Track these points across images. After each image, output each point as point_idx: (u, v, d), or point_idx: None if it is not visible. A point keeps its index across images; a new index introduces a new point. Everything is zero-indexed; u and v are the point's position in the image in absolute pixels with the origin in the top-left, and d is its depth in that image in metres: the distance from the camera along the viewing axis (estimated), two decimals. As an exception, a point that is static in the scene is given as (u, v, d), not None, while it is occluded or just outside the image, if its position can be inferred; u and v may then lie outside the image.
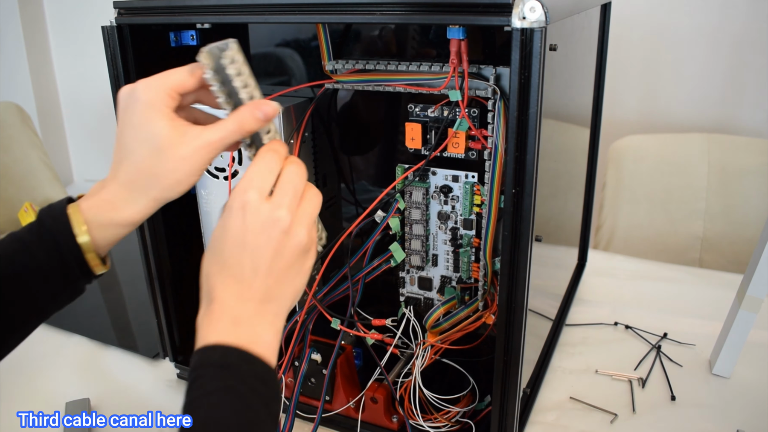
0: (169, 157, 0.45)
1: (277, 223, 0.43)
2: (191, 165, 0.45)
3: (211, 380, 0.39)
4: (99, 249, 0.48)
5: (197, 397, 0.39)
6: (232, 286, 0.43)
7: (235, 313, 0.42)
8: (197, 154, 0.45)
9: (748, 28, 1.38)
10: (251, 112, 0.45)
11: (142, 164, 0.45)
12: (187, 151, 0.45)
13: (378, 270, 0.65)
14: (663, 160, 1.37)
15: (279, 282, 0.44)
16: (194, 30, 0.68)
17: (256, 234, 0.43)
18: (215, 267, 0.44)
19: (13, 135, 1.91)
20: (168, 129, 0.45)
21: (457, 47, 0.53)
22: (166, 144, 0.45)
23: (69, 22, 2.27)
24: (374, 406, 0.66)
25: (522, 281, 0.54)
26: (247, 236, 0.43)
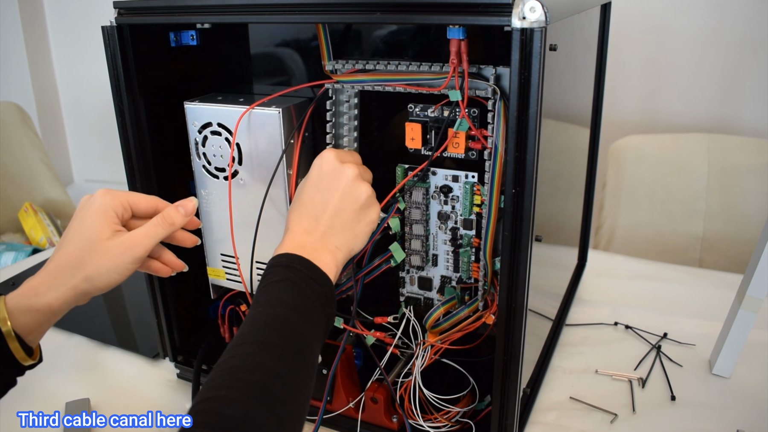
0: (96, 248, 0.52)
1: (346, 171, 0.56)
2: (115, 260, 0.52)
3: (276, 274, 0.50)
4: (26, 338, 0.51)
5: (265, 285, 0.49)
6: (303, 222, 0.55)
7: (301, 242, 0.53)
8: (122, 248, 0.53)
9: (747, 28, 1.39)
10: (175, 210, 0.56)
11: (72, 254, 0.52)
12: (113, 246, 0.52)
13: (378, 270, 0.65)
14: (663, 160, 1.37)
15: (342, 223, 0.56)
16: (194, 30, 0.68)
17: (328, 178, 0.56)
18: (294, 206, 0.57)
19: (13, 135, 1.92)
20: (103, 227, 0.52)
21: (457, 47, 0.53)
22: (96, 238, 0.52)
23: (69, 22, 2.27)
24: (374, 406, 0.66)
25: (522, 281, 0.54)
26: (321, 180, 0.57)
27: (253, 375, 0.41)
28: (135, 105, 0.66)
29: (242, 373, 0.41)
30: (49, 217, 1.83)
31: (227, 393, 0.39)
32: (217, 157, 0.66)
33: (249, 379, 0.40)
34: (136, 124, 0.66)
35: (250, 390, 0.40)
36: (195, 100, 0.66)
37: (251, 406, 0.39)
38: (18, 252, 1.58)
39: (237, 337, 0.45)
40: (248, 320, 0.47)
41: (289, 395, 0.42)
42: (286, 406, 0.41)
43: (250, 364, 0.42)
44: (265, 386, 0.41)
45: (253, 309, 0.48)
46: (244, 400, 0.39)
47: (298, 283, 0.49)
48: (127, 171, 0.68)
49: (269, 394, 0.40)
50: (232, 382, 0.40)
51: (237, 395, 0.39)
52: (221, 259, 0.71)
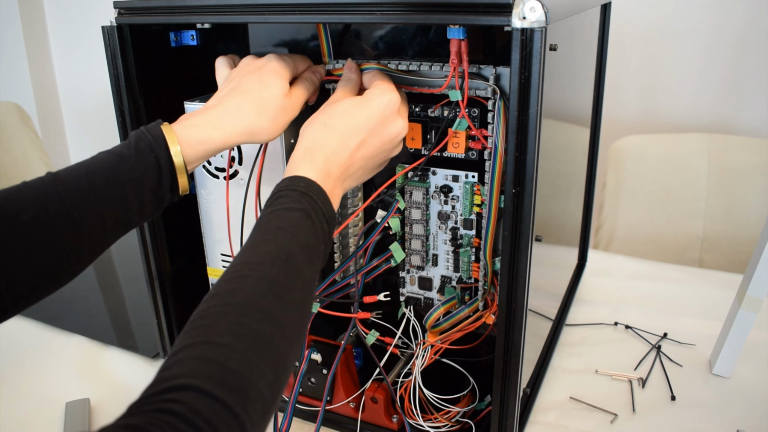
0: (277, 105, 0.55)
1: (399, 129, 0.56)
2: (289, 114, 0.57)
3: (293, 200, 0.47)
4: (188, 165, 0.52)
5: (280, 209, 0.46)
6: (338, 147, 0.52)
7: (328, 168, 0.51)
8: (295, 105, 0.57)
9: (747, 28, 1.39)
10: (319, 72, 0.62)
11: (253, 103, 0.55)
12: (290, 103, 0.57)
13: (378, 270, 0.65)
14: (663, 160, 1.37)
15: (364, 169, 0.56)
16: (194, 30, 0.68)
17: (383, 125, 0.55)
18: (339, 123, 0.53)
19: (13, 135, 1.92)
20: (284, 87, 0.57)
21: (457, 47, 0.53)
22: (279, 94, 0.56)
23: (69, 22, 2.27)
24: (374, 406, 0.66)
25: (522, 281, 0.54)
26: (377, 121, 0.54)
27: (260, 325, 0.38)
28: (135, 105, 0.66)
29: (248, 318, 0.38)
30: (49, 217, 1.82)
31: (232, 341, 0.36)
32: (217, 157, 0.66)
33: (256, 329, 0.37)
34: (136, 124, 0.66)
35: (257, 343, 0.37)
36: (195, 100, 0.66)
37: (255, 362, 0.36)
38: (18, 252, 1.58)
39: (241, 263, 0.42)
40: (257, 246, 0.44)
41: (289, 349, 0.40)
42: (284, 362, 0.39)
43: (258, 309, 0.39)
44: (270, 340, 0.38)
45: (262, 234, 0.45)
46: (249, 354, 0.36)
47: (312, 218, 0.47)
48: (127, 171, 0.68)
49: (273, 348, 0.38)
50: (238, 328, 0.37)
51: (242, 347, 0.36)
52: (221, 259, 0.71)
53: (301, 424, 0.70)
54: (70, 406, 0.73)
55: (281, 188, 0.48)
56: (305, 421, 0.70)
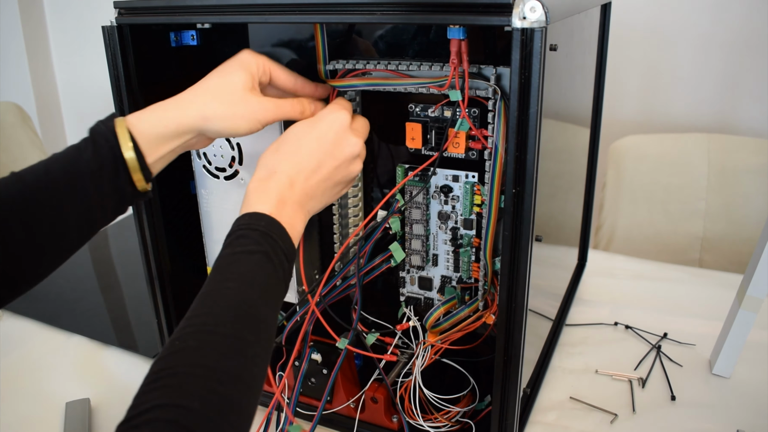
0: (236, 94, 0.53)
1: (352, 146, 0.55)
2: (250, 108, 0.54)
3: (253, 242, 0.47)
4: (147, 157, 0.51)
5: (239, 252, 0.46)
6: (294, 170, 0.52)
7: (285, 196, 0.50)
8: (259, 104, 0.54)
9: (747, 28, 1.38)
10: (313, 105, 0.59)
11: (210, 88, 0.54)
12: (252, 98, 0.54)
13: (378, 270, 0.65)
14: (663, 160, 1.37)
15: (324, 190, 0.54)
16: (194, 30, 0.68)
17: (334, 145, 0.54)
18: (290, 147, 0.53)
19: (13, 135, 1.91)
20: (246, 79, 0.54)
21: (458, 47, 0.53)
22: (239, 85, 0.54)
23: (69, 22, 2.27)
24: (374, 406, 0.66)
25: (522, 281, 0.54)
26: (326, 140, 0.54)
27: (229, 389, 0.38)
28: (135, 105, 0.66)
29: (217, 382, 0.38)
30: (49, 217, 1.82)
31: (200, 407, 0.36)
32: (218, 157, 0.66)
33: (224, 393, 0.38)
34: (136, 124, 0.66)
35: (226, 408, 0.38)
36: (195, 100, 0.66)
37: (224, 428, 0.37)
38: (18, 252, 1.58)
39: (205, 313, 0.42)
40: (220, 294, 0.44)
41: (252, 406, 0.41)
42: (249, 419, 0.40)
43: (225, 371, 0.39)
44: (239, 402, 0.39)
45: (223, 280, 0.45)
46: (218, 421, 0.37)
47: (273, 260, 0.47)
48: (128, 171, 0.68)
49: (240, 411, 0.39)
50: (207, 394, 0.37)
51: (212, 413, 0.37)
52: (221, 259, 0.71)
53: (301, 424, 0.70)
54: (70, 406, 0.73)
55: (241, 227, 0.48)
56: (306, 421, 0.70)
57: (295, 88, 0.60)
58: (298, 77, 0.61)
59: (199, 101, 0.53)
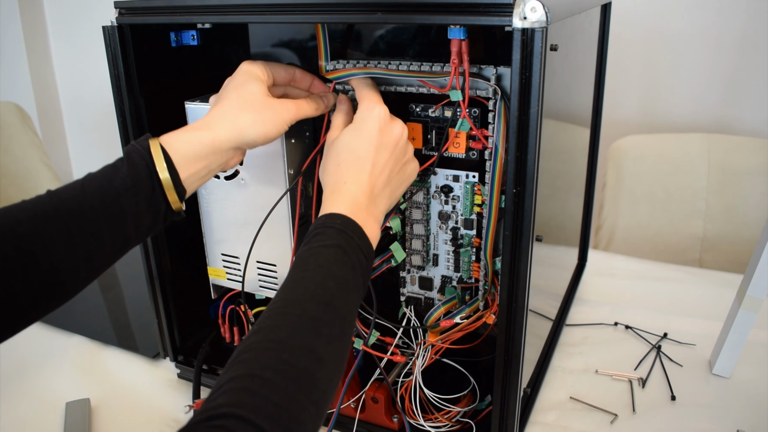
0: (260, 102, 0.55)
1: (398, 130, 0.56)
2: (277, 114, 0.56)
3: (331, 237, 0.48)
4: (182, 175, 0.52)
5: (318, 246, 0.48)
6: (361, 177, 0.54)
7: (358, 203, 0.52)
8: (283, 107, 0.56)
9: (747, 28, 1.39)
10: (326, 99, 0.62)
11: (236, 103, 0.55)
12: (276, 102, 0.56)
13: (379, 270, 0.65)
14: (663, 160, 1.37)
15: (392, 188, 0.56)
16: (195, 30, 0.68)
17: (385, 139, 0.55)
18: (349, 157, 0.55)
19: (13, 135, 1.91)
20: (262, 88, 0.56)
21: (458, 47, 0.53)
22: (259, 94, 0.56)
23: (69, 22, 2.27)
24: (375, 406, 0.66)
25: (522, 281, 0.54)
26: (378, 138, 0.55)
27: (301, 360, 0.40)
28: (136, 105, 0.66)
29: (289, 354, 0.40)
30: (49, 217, 1.82)
31: (274, 376, 0.38)
32: None
33: (296, 364, 0.39)
34: (136, 124, 0.66)
35: (298, 378, 0.39)
36: (196, 100, 0.66)
37: (296, 396, 0.38)
38: (18, 252, 1.58)
39: (281, 301, 0.44)
40: (296, 284, 0.45)
41: (329, 383, 0.42)
42: (325, 395, 0.41)
43: (298, 346, 0.41)
44: (311, 375, 0.40)
45: (300, 271, 0.46)
46: (290, 389, 0.38)
47: (349, 254, 0.48)
48: (128, 171, 0.68)
49: (313, 383, 0.40)
50: (279, 364, 0.39)
51: (284, 381, 0.38)
52: (222, 259, 0.71)
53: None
54: (70, 406, 0.73)
55: (318, 226, 0.50)
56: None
57: (295, 79, 0.62)
58: (296, 69, 0.62)
59: (229, 116, 0.54)
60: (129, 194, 0.49)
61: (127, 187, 0.49)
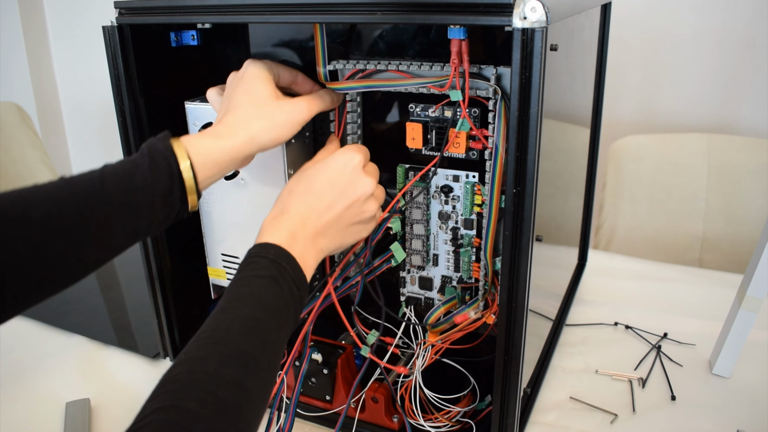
0: (270, 105, 0.55)
1: (364, 186, 0.57)
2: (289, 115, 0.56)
3: (262, 267, 0.49)
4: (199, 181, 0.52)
5: (248, 276, 0.48)
6: (304, 210, 0.54)
7: (296, 232, 0.52)
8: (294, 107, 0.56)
9: (747, 28, 1.39)
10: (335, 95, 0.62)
11: (246, 108, 0.55)
12: (286, 104, 0.56)
13: (379, 270, 0.65)
14: (663, 160, 1.37)
15: (338, 230, 0.56)
16: (195, 30, 0.68)
17: (346, 185, 0.56)
18: (303, 187, 0.56)
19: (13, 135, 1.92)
20: (271, 88, 0.56)
21: (458, 47, 0.53)
22: (269, 97, 0.56)
23: (69, 22, 2.27)
24: (375, 406, 0.66)
25: (522, 281, 0.54)
26: (339, 180, 0.56)
27: (227, 392, 0.40)
28: (135, 105, 0.66)
29: (215, 386, 0.40)
30: (49, 217, 1.82)
31: (198, 408, 0.38)
32: None
33: (222, 397, 0.39)
34: (136, 124, 0.66)
35: (223, 410, 0.39)
36: (196, 100, 0.66)
37: (220, 428, 0.38)
38: (18, 252, 1.58)
39: (211, 330, 0.44)
40: (226, 312, 0.45)
41: (255, 413, 0.42)
42: (251, 425, 0.41)
43: (225, 378, 0.40)
44: (237, 407, 0.40)
45: (231, 300, 0.46)
46: (214, 420, 0.38)
47: (281, 285, 0.48)
48: (128, 171, 0.68)
49: (239, 415, 0.40)
50: (205, 396, 0.39)
51: (208, 413, 0.38)
52: (222, 259, 0.72)
53: (302, 425, 0.70)
54: (70, 406, 0.73)
55: (252, 255, 0.50)
56: (306, 421, 0.70)
57: (297, 82, 0.62)
58: (298, 73, 0.62)
59: (243, 124, 0.54)
60: (148, 191, 0.49)
61: (147, 184, 0.49)
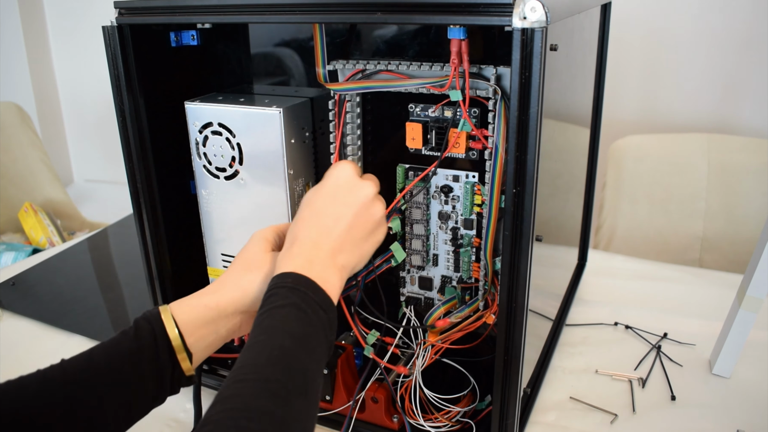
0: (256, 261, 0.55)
1: (364, 188, 0.56)
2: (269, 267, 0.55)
3: (282, 297, 0.47)
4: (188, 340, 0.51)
5: (270, 308, 0.47)
6: (314, 232, 0.53)
7: (311, 256, 0.52)
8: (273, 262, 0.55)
9: (747, 28, 1.39)
10: None
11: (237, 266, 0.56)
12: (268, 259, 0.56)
13: (378, 270, 0.65)
14: (663, 160, 1.37)
15: (353, 241, 0.55)
16: (195, 30, 0.68)
17: (347, 194, 0.55)
18: (306, 213, 0.55)
19: (13, 135, 1.92)
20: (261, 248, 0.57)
21: (458, 47, 0.53)
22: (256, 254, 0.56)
23: (69, 22, 2.27)
24: (375, 406, 0.66)
25: (522, 281, 0.54)
26: (338, 192, 0.55)
27: (259, 424, 0.39)
28: (135, 105, 0.66)
29: (246, 419, 0.39)
30: (49, 217, 1.83)
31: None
32: (218, 157, 0.66)
33: (254, 429, 0.39)
34: (136, 124, 0.66)
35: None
36: (195, 100, 0.66)
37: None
38: (18, 252, 1.58)
39: (239, 368, 0.43)
40: (251, 348, 0.45)
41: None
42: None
43: (254, 409, 0.40)
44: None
45: (255, 335, 0.46)
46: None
47: (304, 309, 0.47)
48: (128, 171, 0.68)
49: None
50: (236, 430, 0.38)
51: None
52: (222, 259, 0.72)
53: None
54: (71, 406, 0.73)
55: (270, 288, 0.49)
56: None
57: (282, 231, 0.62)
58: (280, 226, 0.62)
59: (233, 278, 0.55)
60: (134, 358, 0.49)
61: (132, 351, 0.49)
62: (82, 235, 1.31)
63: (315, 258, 0.52)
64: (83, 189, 2.47)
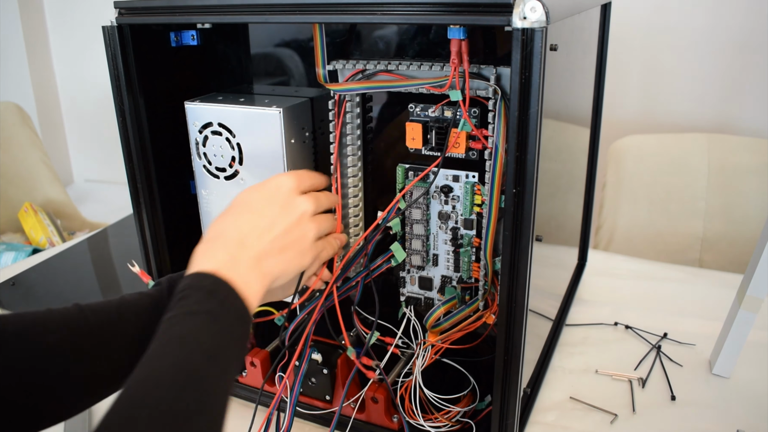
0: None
1: (303, 205, 0.54)
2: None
3: (196, 302, 0.42)
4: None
5: (180, 313, 0.42)
6: (246, 227, 0.50)
7: (236, 254, 0.47)
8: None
9: (747, 28, 1.39)
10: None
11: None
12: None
13: (379, 270, 0.65)
14: (663, 160, 1.37)
15: (281, 249, 0.51)
16: (195, 30, 0.68)
17: (285, 203, 0.53)
18: (238, 208, 0.52)
19: (13, 135, 1.92)
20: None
21: (458, 47, 0.53)
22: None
23: (69, 22, 2.27)
24: (375, 406, 0.66)
25: (522, 281, 0.54)
26: (277, 200, 0.53)
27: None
28: (135, 105, 0.66)
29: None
30: (49, 217, 1.83)
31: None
32: (218, 157, 0.66)
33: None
34: (136, 124, 0.66)
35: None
36: (195, 100, 0.66)
37: None
38: (18, 252, 1.58)
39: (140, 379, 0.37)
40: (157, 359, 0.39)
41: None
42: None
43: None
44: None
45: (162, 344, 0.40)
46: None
47: (221, 321, 0.42)
48: (128, 171, 0.68)
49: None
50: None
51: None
52: (221, 259, 0.71)
53: (301, 425, 0.70)
54: (71, 406, 0.73)
55: (184, 287, 0.44)
56: (305, 420, 0.70)
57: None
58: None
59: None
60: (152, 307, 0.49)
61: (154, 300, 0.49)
62: (82, 235, 1.31)
63: (240, 257, 0.47)
64: (83, 189, 2.47)
